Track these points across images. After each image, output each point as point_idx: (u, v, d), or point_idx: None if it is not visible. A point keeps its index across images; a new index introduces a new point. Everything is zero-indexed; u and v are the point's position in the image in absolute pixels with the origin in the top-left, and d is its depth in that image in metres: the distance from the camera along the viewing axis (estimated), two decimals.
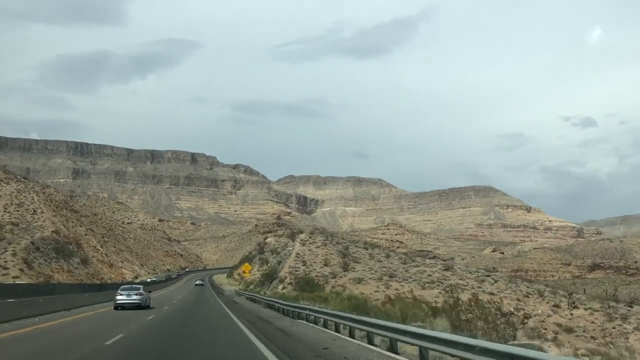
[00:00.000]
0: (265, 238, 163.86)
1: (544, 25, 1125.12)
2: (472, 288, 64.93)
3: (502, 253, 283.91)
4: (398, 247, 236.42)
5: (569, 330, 49.78)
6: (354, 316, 19.11)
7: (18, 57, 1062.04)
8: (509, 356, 9.49)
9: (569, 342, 43.82)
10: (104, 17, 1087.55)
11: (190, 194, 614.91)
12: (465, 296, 49.45)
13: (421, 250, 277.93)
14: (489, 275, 76.85)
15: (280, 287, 67.59)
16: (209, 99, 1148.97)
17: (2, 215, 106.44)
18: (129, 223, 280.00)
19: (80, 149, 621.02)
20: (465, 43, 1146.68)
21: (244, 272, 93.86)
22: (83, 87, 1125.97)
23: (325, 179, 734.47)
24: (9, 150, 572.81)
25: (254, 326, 26.00)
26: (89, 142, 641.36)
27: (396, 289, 60.92)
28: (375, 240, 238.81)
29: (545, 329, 49.65)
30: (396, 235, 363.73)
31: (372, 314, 20.89)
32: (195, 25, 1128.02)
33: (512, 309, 54.12)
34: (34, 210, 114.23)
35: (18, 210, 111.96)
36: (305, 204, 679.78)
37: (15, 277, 72.03)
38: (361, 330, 18.78)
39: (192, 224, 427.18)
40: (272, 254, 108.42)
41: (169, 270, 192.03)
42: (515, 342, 19.47)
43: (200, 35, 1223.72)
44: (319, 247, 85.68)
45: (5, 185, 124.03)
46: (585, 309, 56.65)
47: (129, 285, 49.24)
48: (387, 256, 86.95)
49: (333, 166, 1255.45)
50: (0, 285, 43.00)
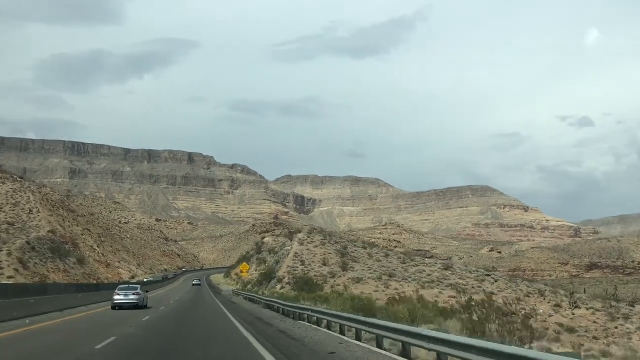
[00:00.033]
0: (263, 238, 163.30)
1: (541, 25, 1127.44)
2: (473, 287, 64.35)
3: (500, 253, 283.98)
4: (396, 247, 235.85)
5: (571, 330, 49.11)
6: (362, 318, 18.10)
7: (15, 57, 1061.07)
8: None
9: (570, 342, 43.24)
10: (101, 17, 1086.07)
11: (188, 194, 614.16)
12: (477, 297, 48.79)
13: (419, 250, 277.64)
14: (489, 275, 76.24)
15: (279, 287, 67.00)
16: (206, 99, 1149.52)
17: None
18: (126, 223, 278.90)
19: (77, 149, 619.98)
20: (462, 43, 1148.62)
21: (241, 271, 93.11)
22: (80, 87, 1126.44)
23: (323, 179, 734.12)
24: (6, 150, 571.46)
25: (254, 328, 25.26)
26: (86, 142, 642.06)
27: (396, 289, 60.27)
28: (373, 240, 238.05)
29: (547, 328, 49.03)
30: (394, 235, 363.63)
31: (379, 316, 19.96)
32: (192, 25, 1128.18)
33: (513, 309, 53.46)
34: (30, 210, 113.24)
35: (14, 210, 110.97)
36: (302, 204, 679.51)
37: (10, 277, 71.23)
38: (370, 333, 17.73)
39: (189, 223, 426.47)
40: (270, 254, 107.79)
41: (166, 270, 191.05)
42: (556, 351, 18.34)
43: (197, 35, 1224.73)
44: (317, 246, 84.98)
45: (1, 184, 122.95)
46: (587, 309, 56.01)
47: (127, 285, 49.14)
48: (386, 256, 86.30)
49: (330, 166, 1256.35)
50: None
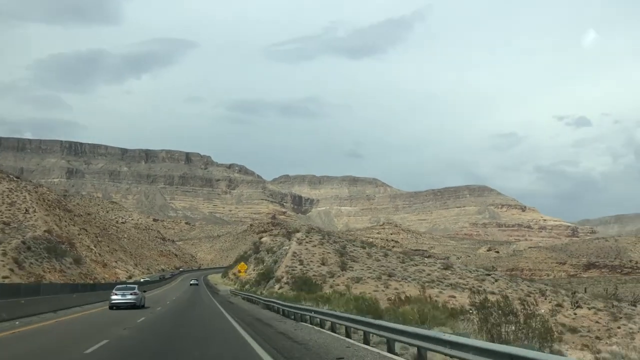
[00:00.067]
0: (261, 237, 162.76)
1: (541, 25, 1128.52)
2: (473, 287, 63.76)
3: (497, 252, 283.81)
4: (393, 247, 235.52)
5: (574, 330, 48.51)
6: (371, 320, 16.99)
7: (13, 57, 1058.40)
8: None
9: (573, 342, 42.66)
10: (99, 17, 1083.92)
11: (185, 194, 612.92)
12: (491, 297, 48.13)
13: (417, 250, 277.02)
14: (489, 274, 75.77)
15: (277, 286, 66.40)
16: (204, 99, 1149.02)
17: None
18: (123, 223, 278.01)
19: (74, 149, 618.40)
20: (462, 43, 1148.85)
21: (239, 271, 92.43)
22: (77, 87, 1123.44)
23: (320, 179, 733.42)
24: (3, 149, 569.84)
25: (252, 329, 24.56)
26: (83, 142, 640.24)
27: (395, 289, 59.69)
28: (371, 240, 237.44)
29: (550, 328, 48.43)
30: (391, 234, 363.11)
31: (387, 317, 19.08)
32: (190, 25, 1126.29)
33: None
34: (26, 210, 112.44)
35: (10, 210, 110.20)
36: (300, 204, 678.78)
37: (5, 277, 70.53)
38: (380, 336, 16.51)
39: (186, 223, 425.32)
40: (268, 254, 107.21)
41: (163, 270, 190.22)
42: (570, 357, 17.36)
43: (196, 35, 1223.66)
44: (315, 246, 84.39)
45: None
46: (589, 309, 55.47)
47: (124, 285, 48.87)
48: (385, 255, 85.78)
49: (328, 166, 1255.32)
50: None
